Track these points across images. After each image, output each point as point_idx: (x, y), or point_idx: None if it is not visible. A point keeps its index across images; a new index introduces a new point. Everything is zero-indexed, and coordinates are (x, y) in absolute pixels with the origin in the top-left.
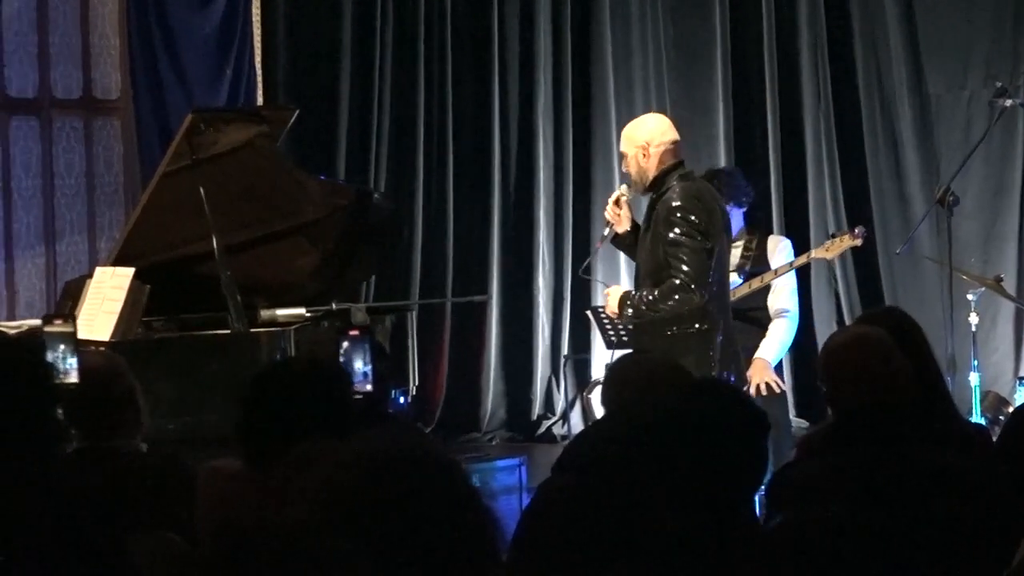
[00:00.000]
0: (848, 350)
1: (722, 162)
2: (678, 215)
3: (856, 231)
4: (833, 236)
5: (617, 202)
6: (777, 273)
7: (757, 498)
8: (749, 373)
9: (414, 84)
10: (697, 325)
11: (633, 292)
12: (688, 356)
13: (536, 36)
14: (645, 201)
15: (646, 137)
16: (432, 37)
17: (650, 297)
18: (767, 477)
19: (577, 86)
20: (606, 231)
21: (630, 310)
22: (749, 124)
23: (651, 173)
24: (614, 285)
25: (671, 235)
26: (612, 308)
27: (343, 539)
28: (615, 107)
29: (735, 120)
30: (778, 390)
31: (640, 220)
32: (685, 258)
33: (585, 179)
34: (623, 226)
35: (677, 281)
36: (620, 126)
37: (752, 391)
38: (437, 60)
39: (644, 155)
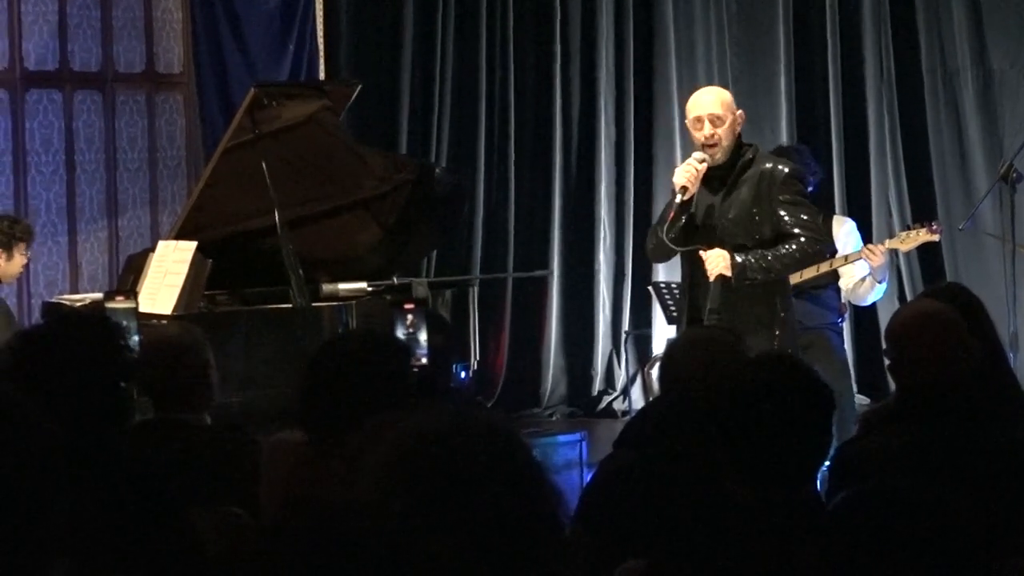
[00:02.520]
0: (914, 326)
1: (784, 137)
2: (796, 179)
3: (933, 226)
4: (909, 228)
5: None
6: (848, 260)
7: (819, 474)
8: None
9: (476, 58)
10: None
11: (747, 256)
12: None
13: (598, 10)
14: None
15: (734, 104)
16: (494, 10)
17: (791, 251)
18: (831, 452)
19: (639, 61)
20: (679, 197)
21: (755, 272)
22: (811, 99)
23: (733, 139)
24: (713, 249)
25: (792, 196)
26: (719, 270)
27: (407, 514)
28: (677, 82)
29: (797, 95)
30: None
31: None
32: (808, 218)
33: (647, 154)
34: (692, 191)
35: (806, 239)
36: (682, 101)
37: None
38: (499, 34)
39: (739, 120)
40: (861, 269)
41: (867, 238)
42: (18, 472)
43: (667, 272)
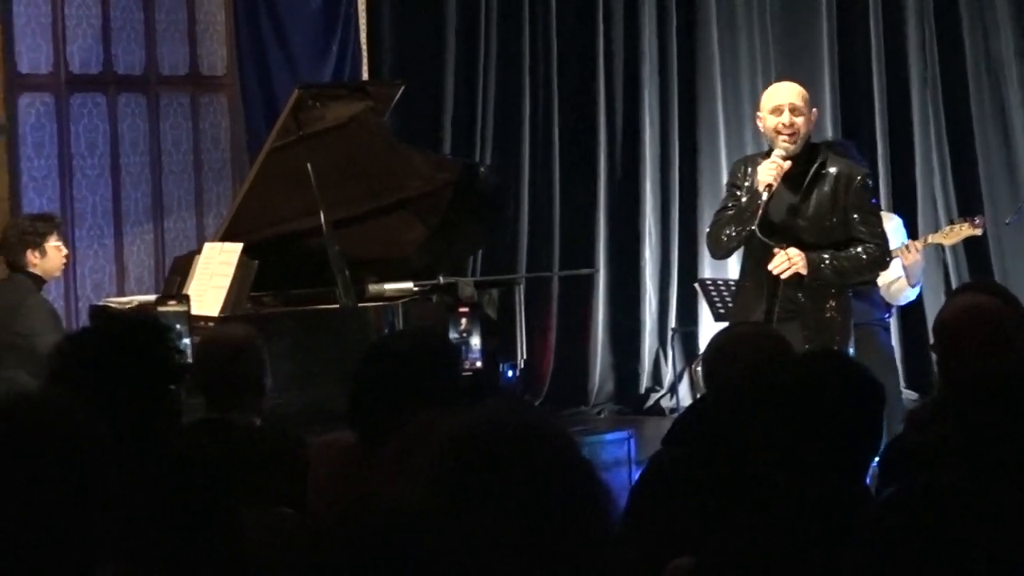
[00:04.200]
0: (962, 320)
1: (828, 133)
2: (871, 185)
3: (976, 220)
4: (952, 223)
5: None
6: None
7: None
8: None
9: (519, 57)
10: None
11: (820, 256)
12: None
13: (641, 8)
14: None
15: (811, 101)
16: (537, 10)
17: (860, 257)
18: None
19: (682, 59)
20: (764, 195)
21: (828, 272)
22: (855, 95)
23: (808, 134)
24: (789, 247)
25: (866, 203)
26: (796, 268)
27: (455, 513)
28: (720, 79)
29: (841, 91)
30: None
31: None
32: (879, 228)
33: (691, 152)
34: (775, 188)
35: (875, 248)
36: (726, 99)
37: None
38: (542, 33)
39: (814, 117)
40: (895, 269)
41: (912, 234)
42: (66, 474)
43: (713, 269)
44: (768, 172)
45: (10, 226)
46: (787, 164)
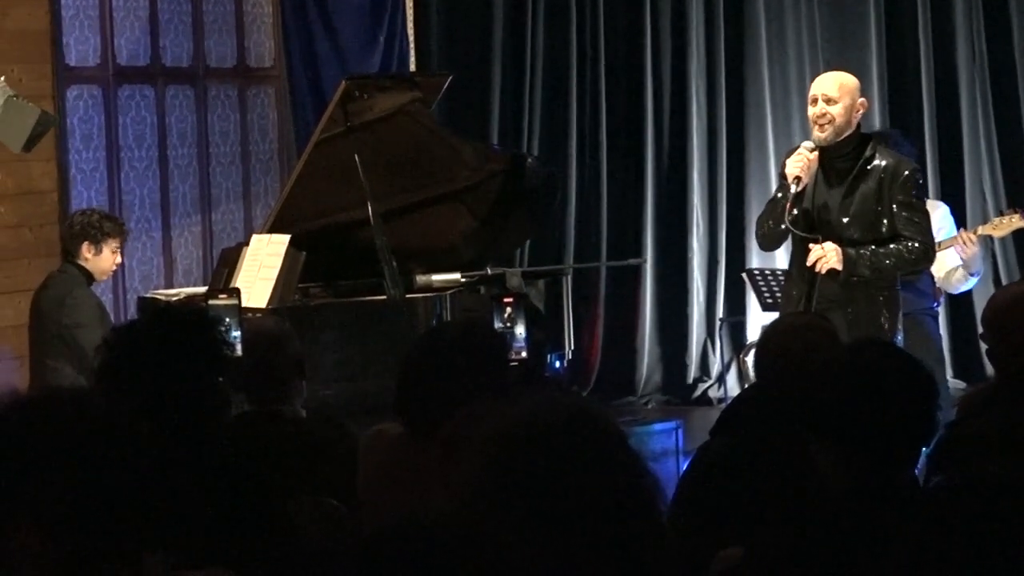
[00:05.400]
0: (1012, 309)
1: (876, 123)
2: (919, 180)
3: None
4: (1002, 214)
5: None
6: (940, 247)
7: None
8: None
9: (567, 48)
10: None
11: (859, 251)
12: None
13: None
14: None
15: (860, 95)
16: (584, 1)
17: (902, 253)
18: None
19: (730, 49)
20: (793, 188)
21: (866, 269)
22: (903, 84)
23: (851, 129)
24: (826, 242)
25: (911, 198)
26: (831, 264)
27: (504, 504)
28: (768, 69)
29: (889, 81)
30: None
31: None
32: (923, 224)
33: (738, 142)
34: (806, 181)
35: (919, 244)
36: (773, 88)
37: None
38: (589, 23)
39: (858, 110)
40: (954, 258)
41: (961, 223)
42: (100, 467)
43: (761, 259)
44: (795, 164)
45: (79, 214)
46: (814, 155)
